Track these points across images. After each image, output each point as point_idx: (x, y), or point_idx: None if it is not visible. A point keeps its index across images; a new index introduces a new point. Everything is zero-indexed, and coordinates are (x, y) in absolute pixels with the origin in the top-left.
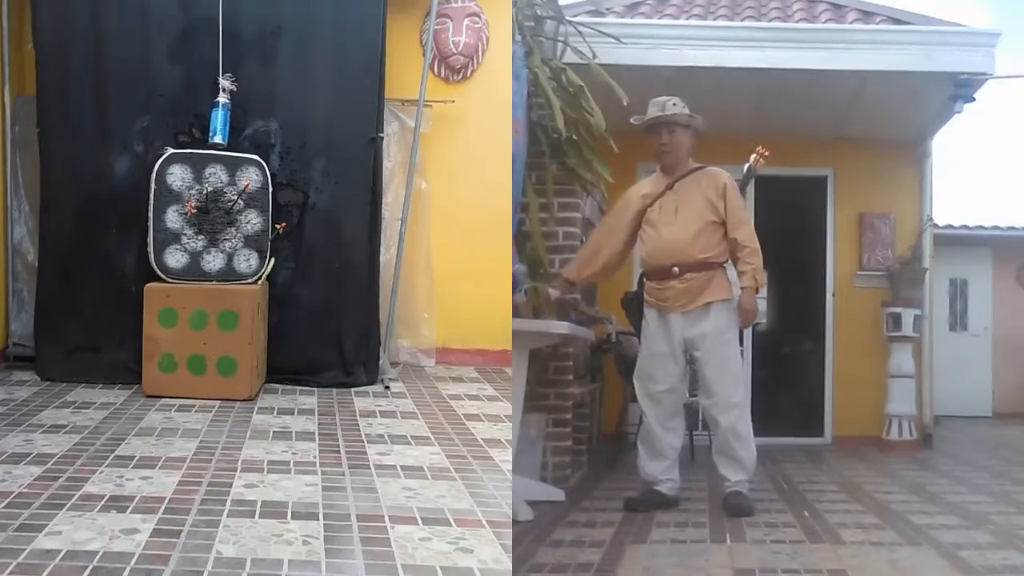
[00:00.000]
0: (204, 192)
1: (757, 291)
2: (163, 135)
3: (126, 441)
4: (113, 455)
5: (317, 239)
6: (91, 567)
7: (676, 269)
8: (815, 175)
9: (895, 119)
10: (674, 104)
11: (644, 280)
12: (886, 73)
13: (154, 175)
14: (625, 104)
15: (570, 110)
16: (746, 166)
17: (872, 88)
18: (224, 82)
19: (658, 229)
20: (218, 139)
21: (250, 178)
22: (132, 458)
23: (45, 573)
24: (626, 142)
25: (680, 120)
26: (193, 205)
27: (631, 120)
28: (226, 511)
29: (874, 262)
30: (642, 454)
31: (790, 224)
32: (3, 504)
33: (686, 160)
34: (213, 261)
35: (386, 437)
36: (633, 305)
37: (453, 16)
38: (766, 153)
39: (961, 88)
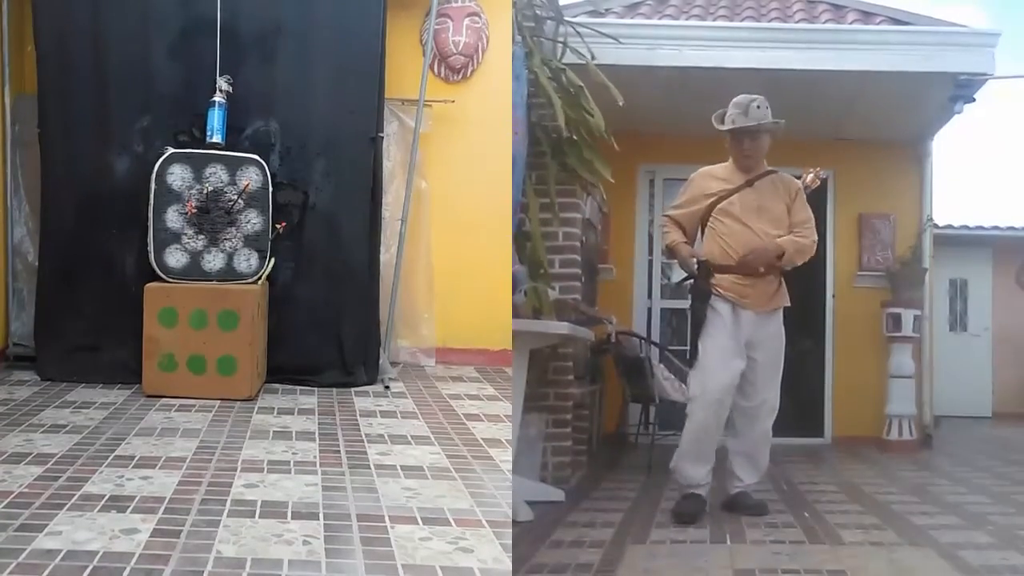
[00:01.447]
0: (204, 192)
1: (780, 258)
2: (163, 135)
3: (126, 441)
4: (113, 455)
5: (317, 239)
6: (91, 567)
7: (763, 268)
8: None
9: (895, 119)
10: (758, 107)
11: (714, 272)
12: (886, 74)
13: (154, 175)
14: (620, 105)
15: (570, 110)
16: (800, 186)
17: (872, 89)
18: (220, 82)
19: (745, 224)
20: (216, 139)
21: (250, 178)
22: (132, 458)
23: (45, 573)
24: (627, 142)
25: (765, 127)
26: (193, 205)
27: (713, 119)
28: (226, 511)
29: (874, 262)
30: (687, 458)
31: None
32: (3, 504)
33: (763, 160)
34: (213, 261)
35: (386, 437)
36: (704, 296)
37: (453, 16)
38: (822, 174)
39: (961, 88)
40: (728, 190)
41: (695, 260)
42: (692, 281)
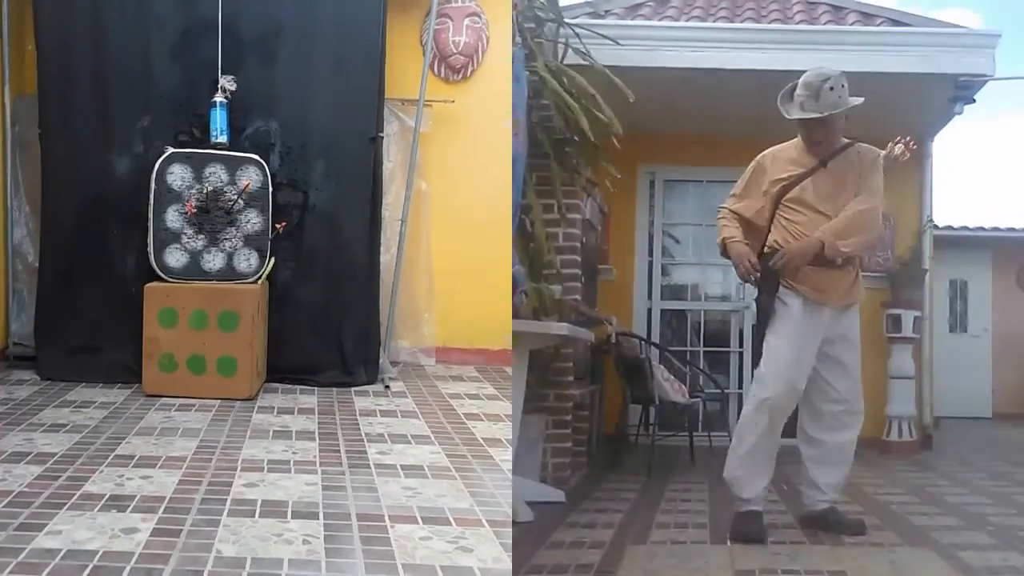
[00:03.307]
0: (204, 192)
1: (823, 250)
2: (163, 135)
3: (126, 440)
4: (113, 454)
5: (317, 239)
6: (91, 566)
7: (841, 258)
8: None
9: (895, 120)
10: (831, 88)
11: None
12: (886, 75)
13: (154, 175)
14: (631, 101)
15: (574, 112)
16: (881, 154)
17: (872, 90)
18: (224, 82)
19: (820, 212)
20: (222, 139)
21: (250, 178)
22: (132, 457)
23: (45, 572)
24: (627, 142)
25: (839, 115)
26: (193, 205)
27: (779, 102)
28: (226, 510)
29: (874, 263)
30: (745, 471)
31: None
32: (3, 503)
33: (839, 140)
34: (213, 261)
35: (386, 436)
36: (772, 287)
37: (453, 16)
38: (914, 145)
39: (961, 89)
40: (799, 174)
41: (750, 255)
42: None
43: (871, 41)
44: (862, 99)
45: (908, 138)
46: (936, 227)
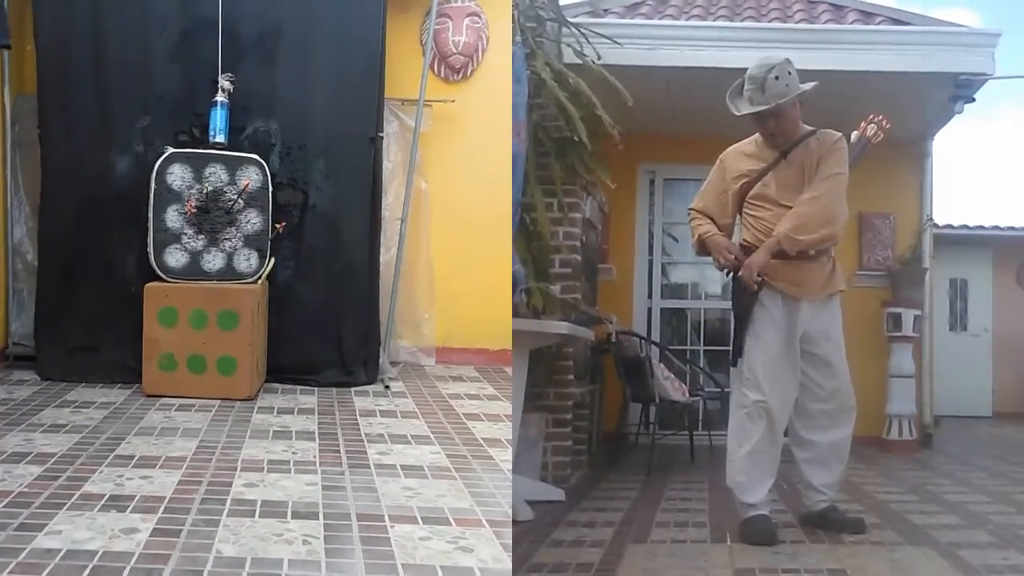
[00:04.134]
0: (204, 192)
1: (781, 251)
2: (163, 135)
3: (126, 440)
4: (113, 454)
5: (317, 239)
6: (91, 566)
7: (812, 249)
8: None
9: (895, 119)
10: (776, 78)
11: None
12: (886, 74)
13: (154, 175)
14: (629, 105)
15: (580, 110)
16: (854, 134)
17: (872, 88)
18: (223, 81)
19: (785, 206)
20: (220, 138)
21: (250, 178)
22: (132, 457)
23: (45, 572)
24: (627, 142)
25: (789, 103)
26: (193, 205)
27: (727, 99)
28: (226, 510)
29: (874, 262)
30: (748, 476)
31: None
32: (3, 503)
33: (798, 129)
34: (213, 261)
35: (386, 436)
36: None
37: (453, 16)
38: (887, 124)
39: (961, 88)
40: (760, 169)
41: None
42: (734, 272)
43: (871, 40)
44: (815, 83)
45: (880, 117)
46: (936, 226)
